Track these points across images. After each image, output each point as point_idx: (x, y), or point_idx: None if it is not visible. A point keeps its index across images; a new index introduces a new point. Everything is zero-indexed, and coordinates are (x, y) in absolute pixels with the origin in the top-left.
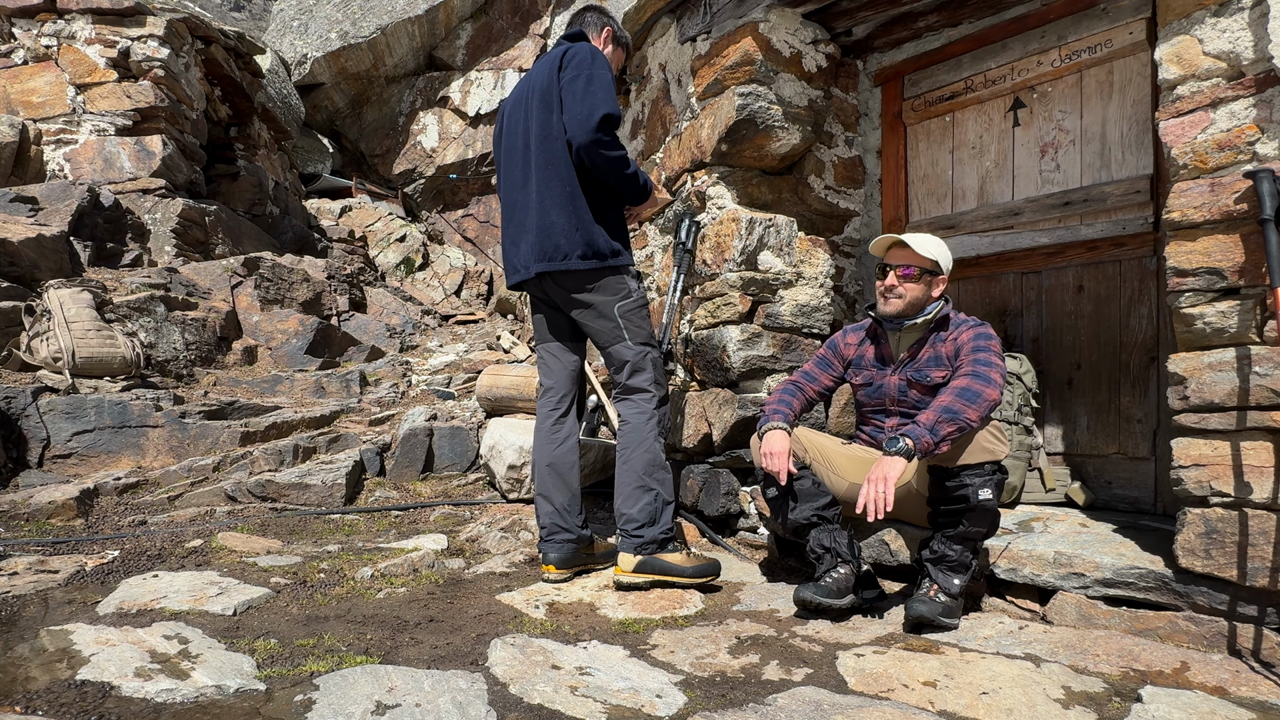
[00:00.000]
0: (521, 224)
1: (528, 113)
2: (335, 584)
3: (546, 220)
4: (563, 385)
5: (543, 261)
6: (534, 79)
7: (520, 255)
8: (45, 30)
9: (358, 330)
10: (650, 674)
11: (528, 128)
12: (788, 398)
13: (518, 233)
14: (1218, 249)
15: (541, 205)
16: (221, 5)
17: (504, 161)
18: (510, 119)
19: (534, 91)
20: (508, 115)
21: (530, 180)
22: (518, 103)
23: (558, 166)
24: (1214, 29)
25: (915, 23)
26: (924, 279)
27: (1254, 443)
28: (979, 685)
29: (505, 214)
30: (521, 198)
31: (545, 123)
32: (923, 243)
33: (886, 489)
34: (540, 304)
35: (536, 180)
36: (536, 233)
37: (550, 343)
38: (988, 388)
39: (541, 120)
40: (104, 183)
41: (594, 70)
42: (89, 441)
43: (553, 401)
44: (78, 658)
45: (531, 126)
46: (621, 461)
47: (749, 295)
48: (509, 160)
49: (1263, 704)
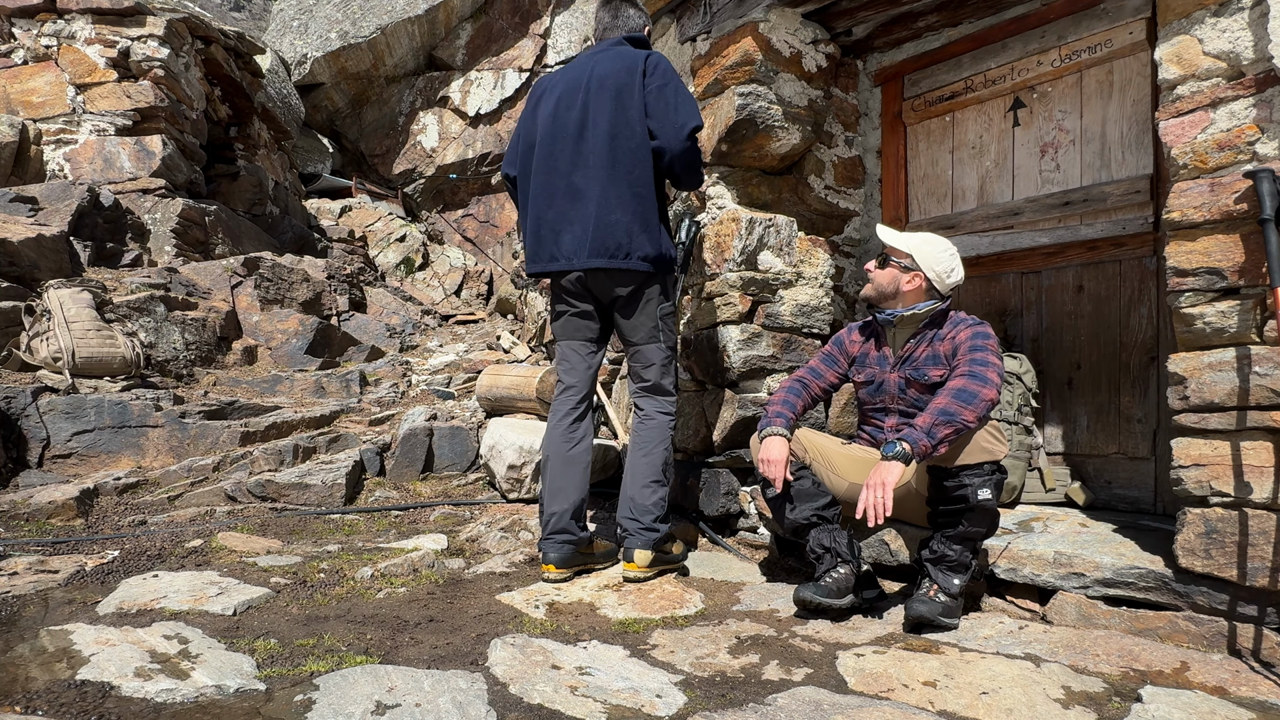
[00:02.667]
0: (566, 213)
1: (588, 104)
2: (335, 584)
3: (609, 218)
4: (584, 386)
5: (600, 257)
6: (601, 72)
7: (563, 245)
8: (45, 30)
9: (358, 330)
10: (650, 674)
11: (585, 118)
12: (791, 397)
13: (560, 221)
14: (1218, 249)
15: (604, 201)
16: (221, 5)
17: (547, 144)
18: (561, 103)
19: (601, 85)
20: (558, 99)
21: (586, 172)
22: (571, 89)
23: (629, 166)
24: (1214, 29)
25: (915, 23)
26: (890, 267)
27: (1254, 443)
28: (979, 685)
29: (541, 198)
30: (565, 185)
31: (619, 121)
32: (893, 234)
33: (885, 494)
34: (568, 299)
35: (599, 175)
36: (594, 228)
37: (575, 341)
38: (984, 388)
39: (613, 118)
40: (104, 183)
41: (679, 82)
42: (89, 441)
43: (572, 401)
44: (78, 658)
45: (595, 119)
46: (642, 455)
47: (749, 295)
48: (555, 145)
49: (1263, 704)
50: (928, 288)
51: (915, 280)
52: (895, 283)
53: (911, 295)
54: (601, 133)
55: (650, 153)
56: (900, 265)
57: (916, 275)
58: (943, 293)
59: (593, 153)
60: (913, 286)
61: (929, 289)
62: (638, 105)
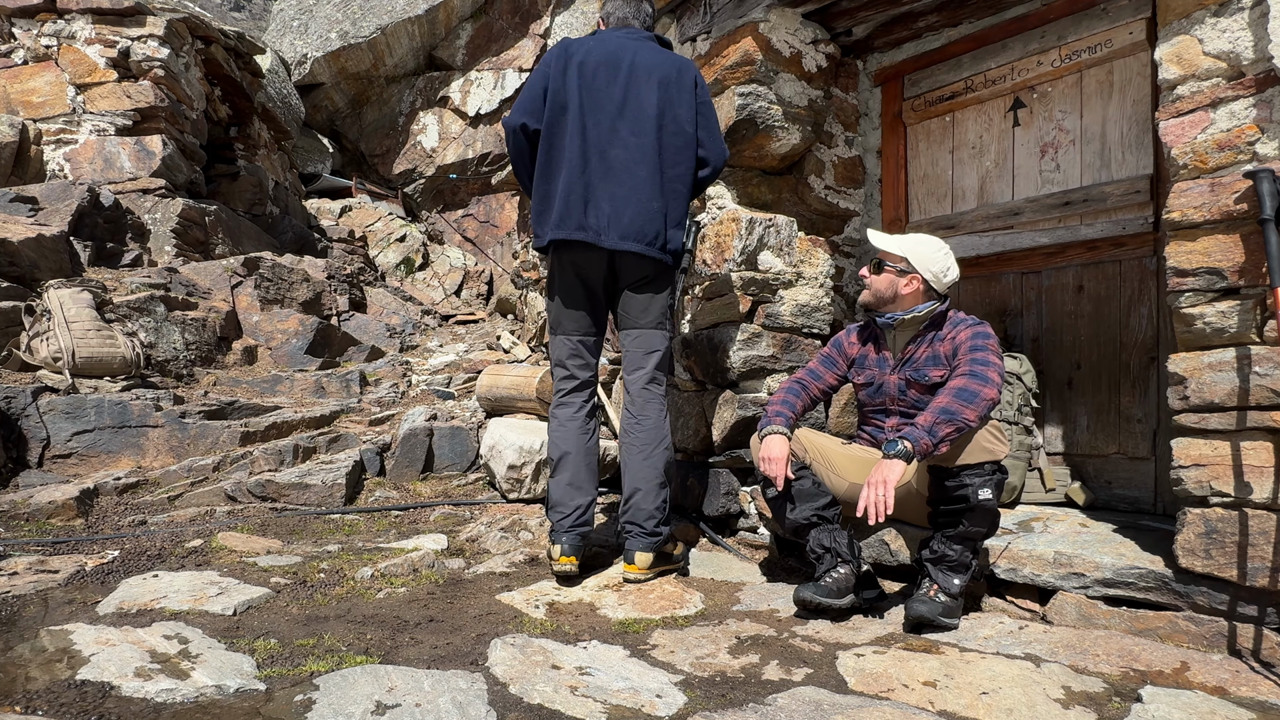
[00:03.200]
0: (596, 187)
1: (630, 85)
2: (335, 584)
3: (650, 204)
4: (594, 382)
5: (632, 241)
6: (645, 61)
7: (590, 218)
8: (45, 30)
9: (358, 330)
10: (650, 674)
11: (627, 98)
12: (791, 398)
13: (590, 192)
14: (1218, 249)
15: (648, 187)
16: (221, 5)
17: (582, 111)
18: (600, 75)
19: (648, 74)
20: (595, 70)
21: (626, 152)
22: (610, 65)
23: (674, 160)
24: (1214, 29)
25: (915, 23)
26: (887, 272)
27: (1254, 443)
28: (979, 685)
29: (575, 163)
30: (600, 158)
31: (668, 115)
32: (885, 237)
33: (886, 492)
34: (581, 284)
35: (645, 160)
36: (632, 210)
37: (585, 336)
38: (985, 387)
39: (661, 110)
40: (104, 183)
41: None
42: (89, 441)
43: (585, 395)
44: (78, 658)
45: (642, 104)
46: (643, 458)
47: (749, 295)
48: (591, 114)
49: (1263, 704)
50: (926, 289)
51: (913, 283)
52: (893, 287)
53: (910, 298)
54: (649, 119)
55: (695, 156)
56: (896, 269)
57: (914, 278)
58: (941, 292)
59: (635, 135)
60: (911, 289)
61: (927, 290)
62: (688, 108)
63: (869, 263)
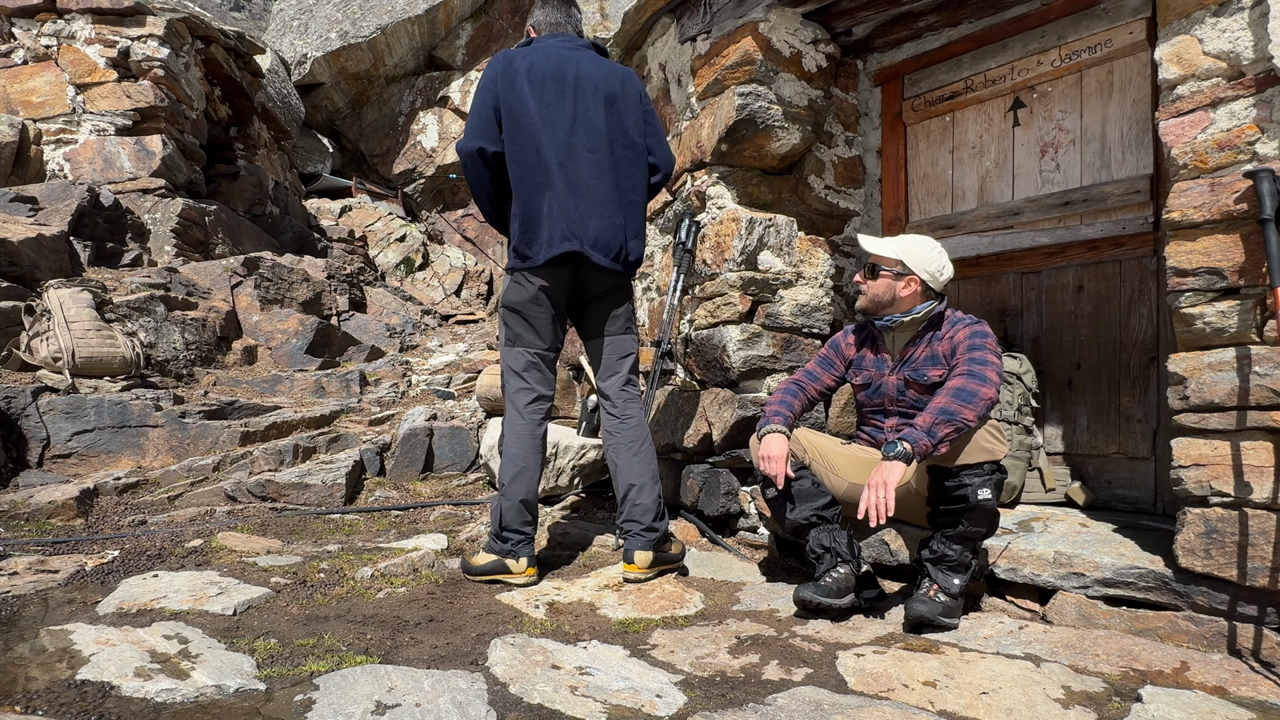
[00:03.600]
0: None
1: (579, 100)
2: (335, 584)
3: (613, 220)
4: (551, 398)
5: (600, 254)
6: (589, 74)
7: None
8: (45, 30)
9: (358, 330)
10: (650, 674)
11: (576, 114)
12: (789, 398)
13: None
14: (1218, 249)
15: (609, 203)
16: (221, 5)
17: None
18: (548, 91)
19: (594, 87)
20: (543, 85)
21: (579, 168)
22: (556, 80)
23: (628, 172)
24: (1214, 29)
25: (915, 22)
26: (883, 276)
27: (1254, 443)
28: (979, 685)
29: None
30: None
31: (616, 128)
32: (876, 241)
33: (887, 494)
34: (548, 298)
35: (602, 176)
36: (597, 224)
37: (548, 353)
38: (983, 387)
39: (610, 123)
40: (104, 183)
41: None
42: (89, 441)
43: (544, 410)
44: (78, 657)
45: (591, 119)
46: (633, 454)
47: (749, 295)
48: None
49: (1263, 704)
50: (923, 289)
51: (910, 285)
52: (891, 290)
53: (909, 299)
54: (601, 134)
55: (646, 166)
56: (893, 273)
57: (911, 279)
58: (938, 291)
59: (590, 150)
60: (909, 291)
61: (925, 290)
62: (636, 119)
63: (863, 268)
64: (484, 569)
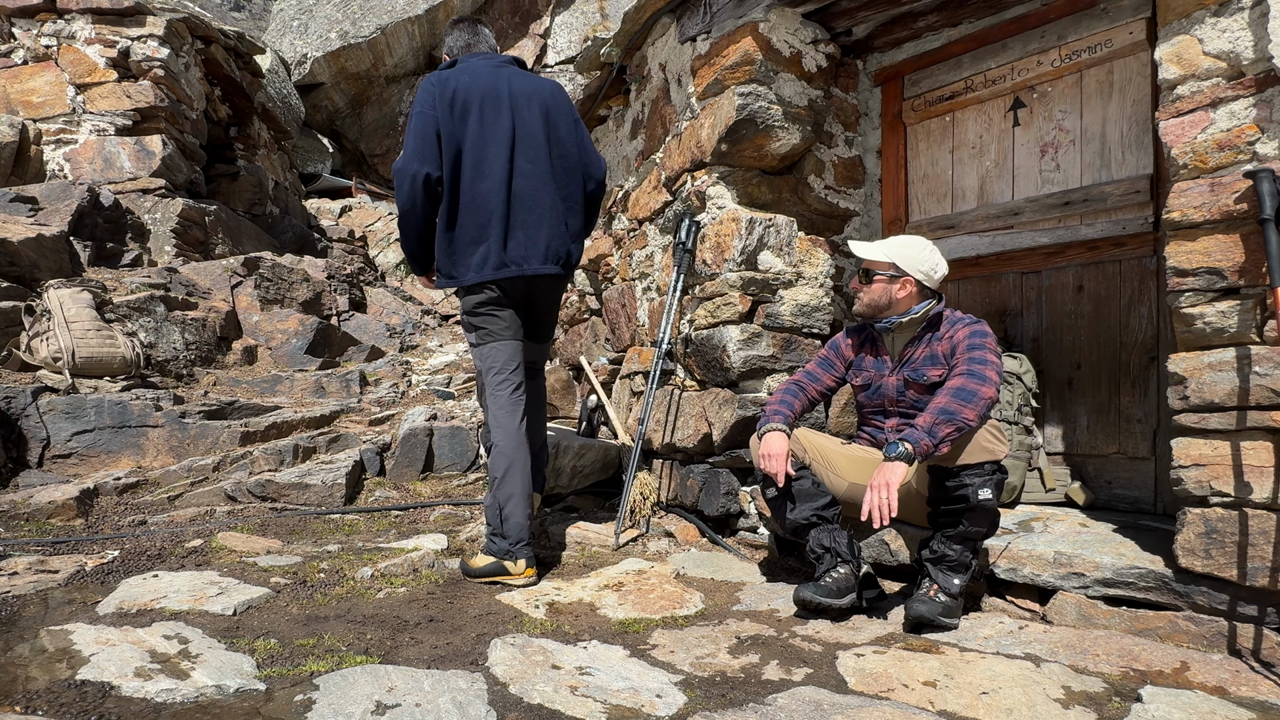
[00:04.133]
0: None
1: (515, 116)
2: (335, 584)
3: (559, 228)
4: (523, 386)
5: (550, 264)
6: (521, 89)
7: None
8: (45, 30)
9: (358, 330)
10: (650, 674)
11: (515, 130)
12: (789, 398)
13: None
14: (1218, 249)
15: (555, 213)
16: (221, 5)
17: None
18: (486, 110)
19: (528, 101)
20: (480, 105)
21: (524, 181)
22: (492, 99)
23: (566, 181)
24: (1214, 29)
25: (915, 23)
26: (877, 281)
27: (1254, 442)
28: (979, 685)
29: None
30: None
31: (554, 139)
32: (866, 247)
33: (889, 495)
34: (507, 302)
35: (545, 187)
36: (545, 235)
37: (516, 342)
38: (983, 386)
39: (548, 135)
40: (104, 183)
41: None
42: (89, 441)
43: (523, 399)
44: (78, 658)
45: (530, 133)
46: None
47: (749, 295)
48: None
49: (1263, 704)
50: (919, 289)
51: (906, 286)
52: (887, 294)
53: (906, 301)
54: (540, 146)
55: (581, 175)
56: (887, 276)
57: (906, 281)
58: (933, 289)
59: (531, 164)
60: (905, 293)
61: (921, 290)
62: (569, 129)
63: (856, 274)
64: (483, 571)
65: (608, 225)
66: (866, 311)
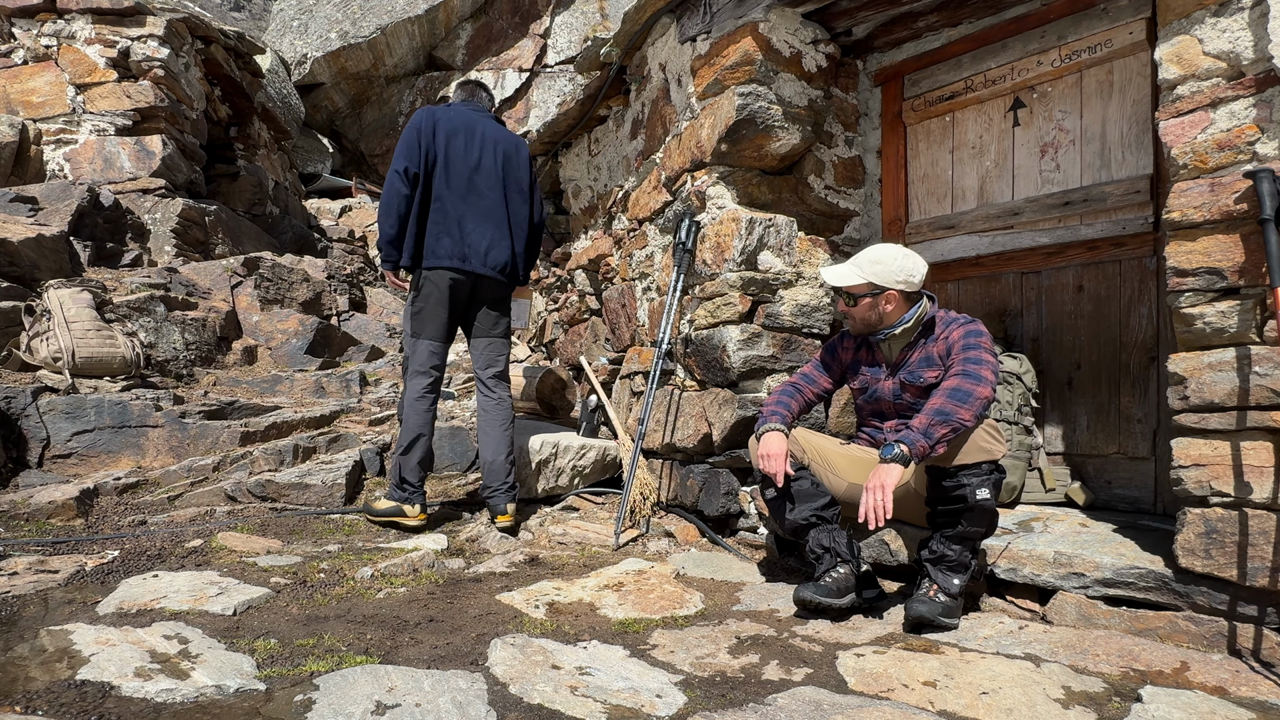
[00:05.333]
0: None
1: (483, 149)
2: (335, 584)
3: (503, 243)
4: (442, 379)
5: (494, 270)
6: (491, 133)
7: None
8: (45, 30)
9: (358, 330)
10: (650, 674)
11: (480, 161)
12: (786, 399)
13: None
14: (1218, 249)
15: (502, 229)
16: (221, 5)
17: (450, 167)
18: (458, 140)
19: (495, 144)
20: (456, 135)
21: (481, 202)
22: (467, 133)
23: (516, 209)
24: (1214, 29)
25: (915, 23)
26: (861, 302)
27: (1254, 443)
28: (979, 685)
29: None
30: (465, 205)
31: (510, 177)
32: (838, 272)
33: (885, 497)
34: (451, 301)
35: (497, 209)
36: (490, 244)
37: (444, 344)
38: (979, 386)
39: (505, 173)
40: (104, 183)
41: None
42: (89, 441)
43: (438, 385)
44: (78, 658)
45: (492, 166)
46: (502, 429)
47: (749, 295)
48: (457, 169)
49: (1263, 704)
50: (903, 297)
51: (890, 299)
52: (874, 311)
53: (894, 312)
54: (496, 176)
55: (530, 208)
56: (869, 297)
57: (888, 295)
58: (919, 291)
59: (489, 188)
60: (892, 306)
61: (905, 297)
62: (524, 172)
63: (841, 299)
64: (384, 512)
65: (608, 225)
66: (860, 330)
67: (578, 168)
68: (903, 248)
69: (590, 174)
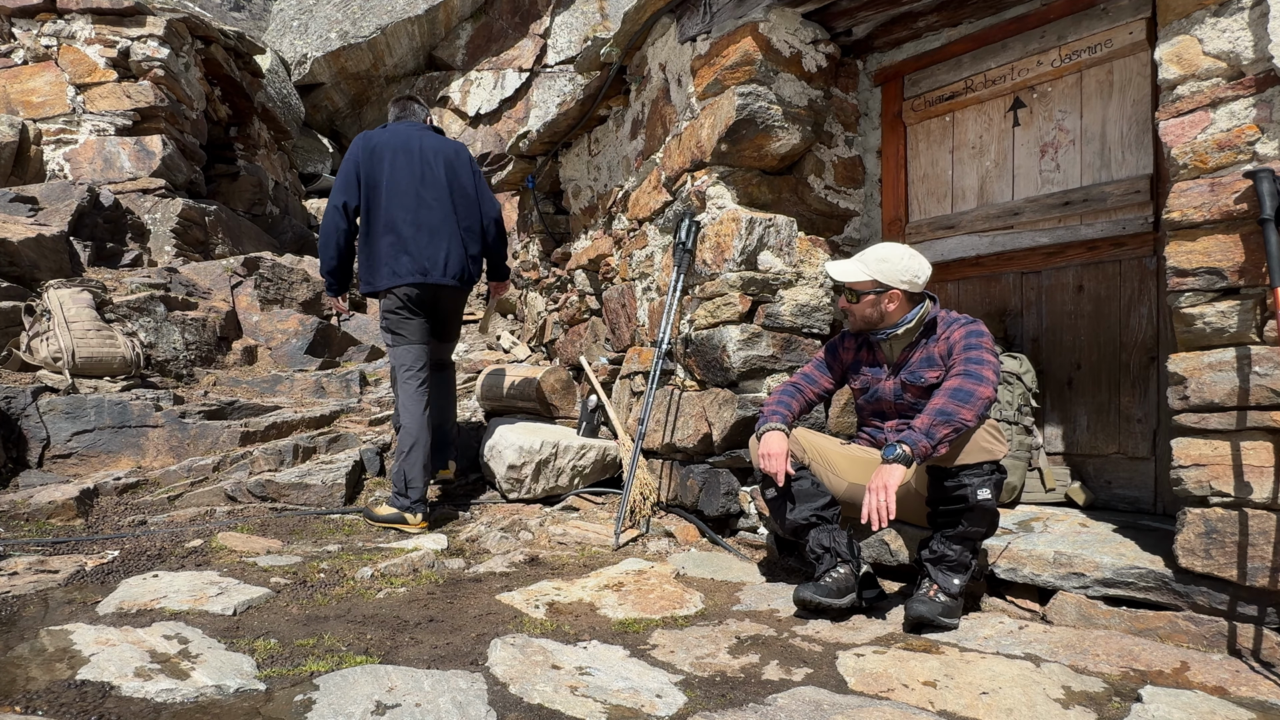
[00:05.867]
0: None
1: (424, 163)
2: (335, 584)
3: (457, 251)
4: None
5: (450, 278)
6: (430, 145)
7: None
8: (45, 30)
9: (358, 330)
10: (650, 674)
11: (424, 175)
12: (786, 399)
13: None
14: (1218, 249)
15: (455, 238)
16: (221, 5)
17: (393, 189)
18: (399, 160)
19: (435, 155)
20: (394, 156)
21: (430, 214)
22: (406, 152)
23: (464, 216)
24: (1214, 29)
25: (915, 22)
26: (864, 299)
27: (1254, 442)
28: (979, 685)
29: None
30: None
31: (455, 184)
32: (843, 268)
33: (888, 497)
34: (414, 307)
35: (446, 220)
36: (444, 254)
37: (425, 344)
38: (980, 386)
39: (450, 181)
40: (104, 183)
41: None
42: (89, 441)
43: (427, 391)
44: (78, 658)
45: (436, 178)
46: (449, 403)
47: (749, 295)
48: (400, 189)
49: (1263, 704)
50: (906, 297)
51: (893, 298)
52: (876, 309)
53: (896, 312)
54: (442, 187)
55: (479, 211)
56: (873, 294)
57: (892, 294)
58: (922, 293)
59: (436, 201)
60: (895, 305)
61: (908, 297)
62: (468, 176)
63: (843, 295)
64: (386, 518)
65: (608, 225)
66: (861, 328)
67: (578, 168)
68: (909, 248)
69: (590, 174)
